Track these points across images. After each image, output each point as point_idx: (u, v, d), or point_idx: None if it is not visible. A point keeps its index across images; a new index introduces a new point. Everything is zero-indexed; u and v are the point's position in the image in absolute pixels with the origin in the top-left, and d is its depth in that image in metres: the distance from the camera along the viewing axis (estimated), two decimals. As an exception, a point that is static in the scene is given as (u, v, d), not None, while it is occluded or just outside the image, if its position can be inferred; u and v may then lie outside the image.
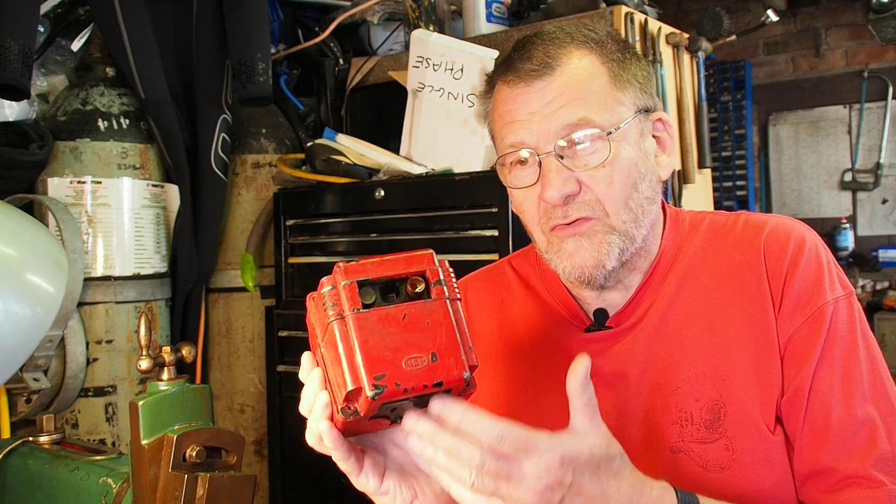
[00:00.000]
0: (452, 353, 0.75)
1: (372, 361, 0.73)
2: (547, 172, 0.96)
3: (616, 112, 0.97)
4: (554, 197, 0.95)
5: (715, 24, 2.26)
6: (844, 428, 0.91)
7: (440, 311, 0.76)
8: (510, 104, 0.99)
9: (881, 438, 0.90)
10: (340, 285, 0.76)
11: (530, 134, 0.97)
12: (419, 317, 0.75)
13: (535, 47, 0.99)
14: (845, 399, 0.92)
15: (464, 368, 0.75)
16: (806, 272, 0.97)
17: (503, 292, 1.16)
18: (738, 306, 0.98)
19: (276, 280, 2.21)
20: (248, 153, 2.33)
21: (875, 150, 4.37)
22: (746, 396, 0.95)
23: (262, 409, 2.28)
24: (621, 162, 0.96)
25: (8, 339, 1.63)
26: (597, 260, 0.97)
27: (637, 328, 1.02)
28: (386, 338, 0.74)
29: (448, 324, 0.75)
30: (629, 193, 0.97)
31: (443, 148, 1.99)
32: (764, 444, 0.94)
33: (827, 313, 0.94)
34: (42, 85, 2.09)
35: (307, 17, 2.60)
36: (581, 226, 0.97)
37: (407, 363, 0.73)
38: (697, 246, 1.05)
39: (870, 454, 0.89)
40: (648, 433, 0.98)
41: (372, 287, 0.76)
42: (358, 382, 0.73)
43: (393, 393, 0.73)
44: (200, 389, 1.10)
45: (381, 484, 0.85)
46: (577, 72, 0.97)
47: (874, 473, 0.89)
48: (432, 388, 0.74)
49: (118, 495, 1.12)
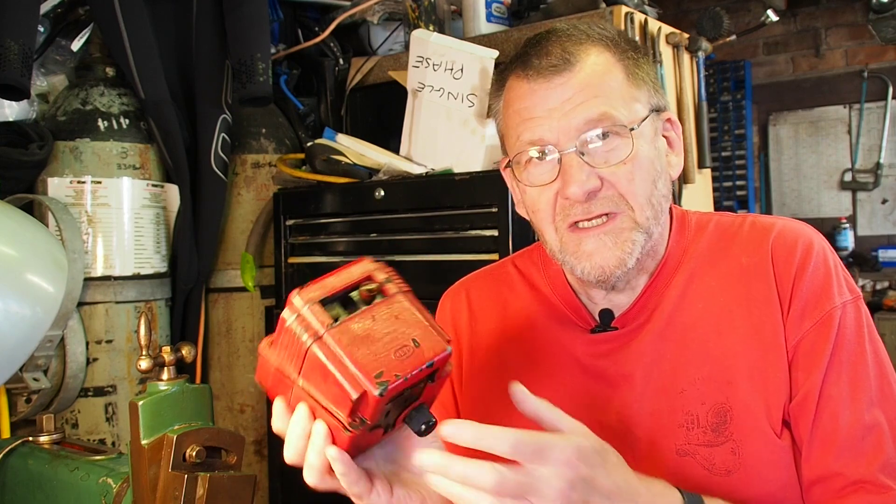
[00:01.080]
0: (428, 335, 0.78)
1: (365, 364, 0.74)
2: (568, 168, 0.94)
3: (634, 109, 0.97)
4: (577, 193, 0.94)
5: (715, 24, 2.26)
6: (852, 433, 0.91)
7: (400, 305, 0.79)
8: (527, 100, 0.97)
9: (888, 443, 0.90)
10: (303, 310, 0.77)
11: (550, 131, 0.95)
12: (385, 315, 0.78)
13: (552, 44, 0.97)
14: (853, 404, 0.92)
15: (445, 344, 0.78)
16: (814, 277, 0.96)
17: (506, 292, 1.15)
18: (745, 309, 0.98)
19: (276, 280, 2.21)
20: (248, 153, 2.33)
21: (875, 150, 4.37)
22: (752, 400, 0.94)
23: (262, 409, 2.28)
24: (641, 159, 0.96)
25: (8, 339, 1.63)
26: (619, 259, 0.96)
27: (643, 330, 1.02)
28: (367, 341, 0.75)
29: (412, 312, 0.79)
30: (651, 190, 0.97)
31: (443, 148, 1.99)
32: (770, 448, 0.93)
33: (835, 318, 0.94)
34: (42, 85, 2.09)
35: (307, 17, 2.60)
36: (608, 224, 0.96)
37: (396, 355, 0.75)
38: (704, 247, 1.04)
39: (877, 459, 0.89)
40: (654, 436, 0.98)
41: (331, 303, 0.78)
42: (361, 388, 0.74)
43: (397, 385, 0.74)
44: (200, 389, 1.10)
45: (392, 497, 0.84)
46: (595, 68, 0.96)
47: (881, 478, 0.88)
48: (426, 370, 0.76)
49: (118, 495, 1.12)
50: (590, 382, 1.03)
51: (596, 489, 0.75)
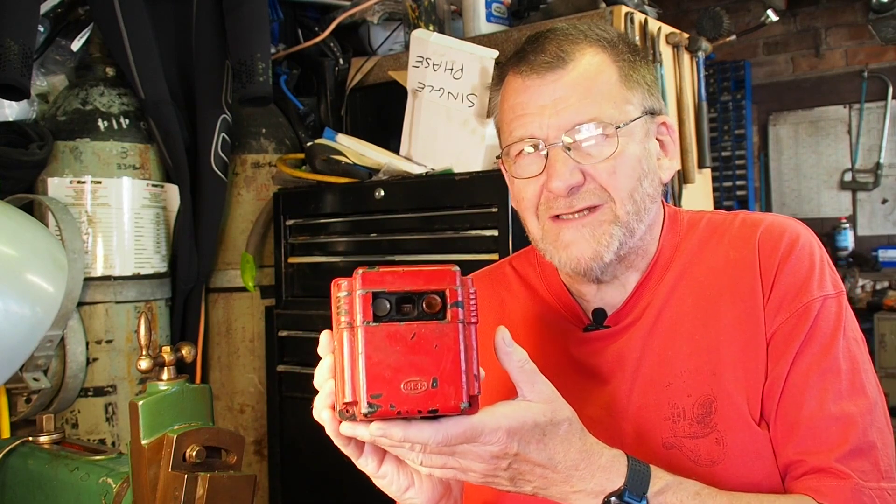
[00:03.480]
0: (454, 381, 0.74)
1: (372, 379, 0.73)
2: (554, 163, 0.97)
3: (624, 110, 0.99)
4: (559, 187, 0.96)
5: (715, 24, 2.26)
6: (815, 423, 0.92)
7: (451, 336, 0.74)
8: (521, 96, 1.00)
9: (855, 436, 0.91)
10: (356, 293, 0.75)
11: (540, 127, 0.98)
12: (428, 338, 0.74)
13: (549, 42, 1.00)
14: (819, 394, 0.93)
15: (462, 399, 0.74)
16: (796, 268, 0.98)
17: (503, 292, 1.16)
18: (730, 300, 0.99)
19: (275, 280, 2.21)
20: (248, 153, 2.33)
21: (875, 150, 4.37)
22: (735, 390, 0.96)
23: (262, 409, 2.28)
24: (626, 157, 0.98)
25: (8, 339, 1.63)
26: (595, 251, 0.98)
27: (634, 327, 1.03)
28: (391, 356, 0.73)
29: (455, 350, 0.74)
30: (634, 186, 0.99)
31: (443, 148, 1.99)
32: (752, 438, 0.95)
33: (813, 309, 0.95)
34: (42, 85, 2.09)
35: (307, 17, 2.60)
36: (588, 216, 0.98)
37: (406, 386, 0.73)
38: (695, 244, 1.06)
39: (839, 448, 0.90)
40: (641, 430, 0.99)
41: (388, 299, 0.75)
42: (355, 396, 0.74)
43: (386, 413, 0.73)
44: (200, 389, 1.10)
45: (378, 468, 0.86)
46: (588, 68, 0.98)
47: (839, 467, 0.90)
48: (427, 414, 0.74)
49: (118, 495, 1.12)
50: (581, 379, 1.04)
51: (528, 461, 0.80)
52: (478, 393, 0.76)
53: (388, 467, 0.86)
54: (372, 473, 0.87)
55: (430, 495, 0.89)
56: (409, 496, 0.88)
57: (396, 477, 0.87)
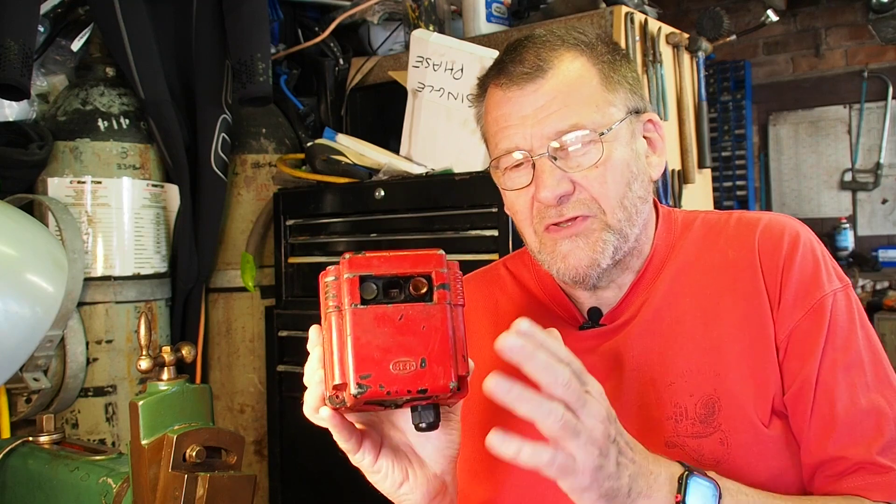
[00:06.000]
0: (442, 361, 0.74)
1: (360, 360, 0.73)
2: (541, 174, 0.97)
3: (607, 114, 0.98)
4: (548, 197, 0.96)
5: (715, 24, 2.26)
6: (850, 418, 0.92)
7: (438, 317, 0.75)
8: (503, 108, 1.00)
9: (888, 426, 0.92)
10: (343, 277, 0.76)
11: (524, 138, 0.98)
12: (416, 319, 0.75)
13: (527, 50, 1.00)
14: (849, 389, 0.93)
15: (451, 378, 0.74)
16: (803, 266, 0.98)
17: (498, 292, 1.17)
18: (732, 301, 0.99)
19: (275, 280, 2.21)
20: (248, 153, 2.33)
21: (875, 150, 4.37)
22: (740, 391, 0.96)
23: (262, 409, 2.28)
24: (614, 162, 0.98)
25: (8, 339, 1.63)
26: (591, 259, 0.98)
27: (630, 324, 1.03)
28: (379, 337, 0.74)
29: (443, 330, 0.75)
30: (623, 192, 0.99)
31: (443, 148, 1.99)
32: (759, 439, 0.95)
33: (827, 305, 0.96)
34: (42, 85, 2.09)
35: (307, 16, 2.60)
36: (579, 225, 0.98)
37: (395, 366, 0.73)
38: (690, 244, 1.06)
39: (876, 442, 0.91)
40: (643, 428, 0.98)
41: (375, 282, 0.76)
42: (344, 378, 0.74)
43: (375, 394, 0.73)
44: (200, 389, 1.10)
45: (374, 462, 0.86)
46: (568, 74, 0.98)
47: (881, 460, 0.90)
48: (416, 395, 0.74)
49: (118, 495, 1.12)
50: None
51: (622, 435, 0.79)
52: (467, 374, 0.77)
53: (383, 462, 0.86)
54: (368, 468, 0.87)
55: (426, 490, 0.89)
56: (403, 492, 0.88)
57: (391, 471, 0.87)
